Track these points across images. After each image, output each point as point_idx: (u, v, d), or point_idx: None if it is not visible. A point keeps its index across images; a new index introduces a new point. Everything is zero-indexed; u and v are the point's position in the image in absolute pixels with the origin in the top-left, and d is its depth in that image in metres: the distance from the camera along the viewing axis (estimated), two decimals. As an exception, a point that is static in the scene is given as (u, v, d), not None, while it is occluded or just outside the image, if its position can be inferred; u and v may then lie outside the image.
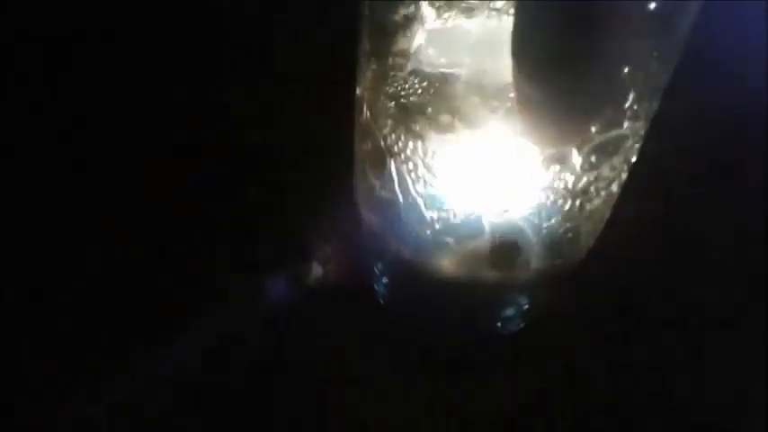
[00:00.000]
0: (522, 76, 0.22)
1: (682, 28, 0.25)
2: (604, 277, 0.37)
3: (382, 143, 0.28)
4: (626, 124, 0.26)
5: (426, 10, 0.26)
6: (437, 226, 0.29)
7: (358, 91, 0.30)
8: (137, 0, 0.50)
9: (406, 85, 0.27)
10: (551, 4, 0.20)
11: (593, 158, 0.26)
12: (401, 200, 0.29)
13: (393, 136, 0.28)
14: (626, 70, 0.24)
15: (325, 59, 0.42)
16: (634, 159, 0.29)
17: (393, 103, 0.27)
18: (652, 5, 0.23)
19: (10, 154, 0.42)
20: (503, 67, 0.23)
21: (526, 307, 0.36)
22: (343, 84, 0.31)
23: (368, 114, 0.29)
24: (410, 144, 0.27)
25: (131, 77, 0.46)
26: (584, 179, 0.27)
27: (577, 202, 0.28)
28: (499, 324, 0.37)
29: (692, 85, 0.32)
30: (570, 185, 0.27)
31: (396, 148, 0.28)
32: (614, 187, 0.29)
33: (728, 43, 0.45)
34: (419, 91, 0.26)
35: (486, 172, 0.27)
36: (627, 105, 0.25)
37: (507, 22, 0.22)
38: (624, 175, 0.29)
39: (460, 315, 0.36)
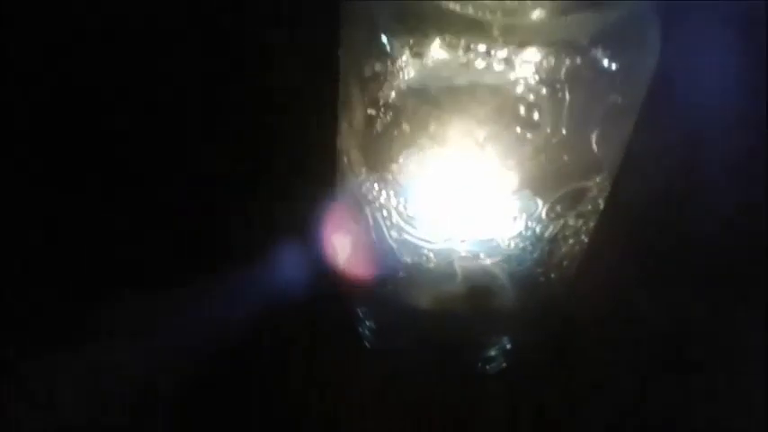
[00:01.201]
0: None
1: (642, 83, 0.26)
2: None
3: (358, 191, 0.29)
4: (590, 176, 0.27)
5: (399, 64, 0.27)
6: (412, 271, 0.30)
7: (337, 139, 0.31)
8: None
9: (380, 137, 0.28)
10: None
11: (558, 208, 0.27)
12: (377, 245, 0.30)
13: (368, 184, 0.29)
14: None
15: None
16: (602, 208, 0.30)
17: (366, 152, 0.28)
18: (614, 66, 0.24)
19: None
20: (475, 118, 0.25)
21: (508, 347, 0.37)
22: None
23: (345, 162, 0.30)
24: (383, 192, 0.28)
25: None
26: (551, 227, 0.28)
27: (546, 249, 0.29)
28: (481, 364, 0.37)
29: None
30: (538, 233, 0.28)
31: (370, 196, 0.29)
32: (582, 235, 0.30)
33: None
34: (392, 142, 0.28)
35: (458, 219, 0.28)
36: (592, 160, 0.26)
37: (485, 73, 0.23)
38: (592, 224, 0.30)
39: (443, 356, 0.37)
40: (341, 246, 0.34)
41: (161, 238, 0.40)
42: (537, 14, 0.24)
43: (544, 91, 0.25)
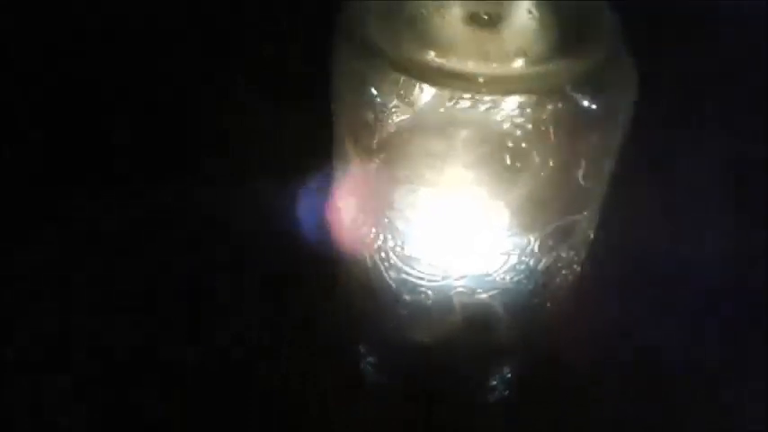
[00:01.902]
0: None
1: (622, 121, 0.27)
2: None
3: (356, 234, 0.30)
4: (579, 210, 0.28)
5: (389, 112, 0.28)
6: (411, 308, 0.31)
7: (334, 185, 0.32)
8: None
9: (375, 182, 0.29)
10: None
11: (549, 242, 0.29)
12: (377, 285, 0.31)
13: (365, 228, 0.30)
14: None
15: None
16: (591, 238, 0.31)
17: (362, 197, 0.29)
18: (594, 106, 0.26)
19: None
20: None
21: (509, 376, 0.38)
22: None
23: (344, 206, 0.31)
24: (381, 235, 0.29)
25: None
26: (544, 260, 0.29)
27: (541, 281, 0.30)
28: (483, 393, 0.38)
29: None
30: (531, 266, 0.29)
31: (368, 240, 0.30)
32: (575, 265, 0.31)
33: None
34: (387, 187, 0.29)
35: (454, 257, 0.30)
36: (578, 196, 0.28)
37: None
38: (584, 254, 0.31)
39: (444, 387, 0.37)
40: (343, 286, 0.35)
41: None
42: (519, 64, 0.25)
43: (530, 133, 0.26)
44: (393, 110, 0.27)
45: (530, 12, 0.27)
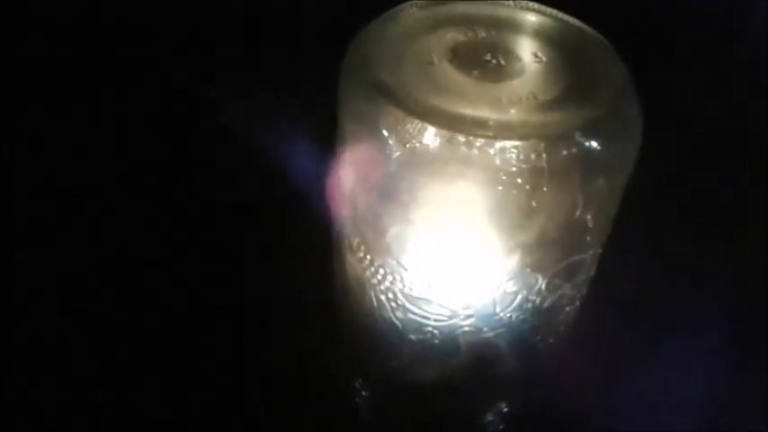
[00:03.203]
0: None
1: (627, 166, 0.28)
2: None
3: (362, 275, 0.30)
4: (585, 250, 0.29)
5: (398, 154, 0.28)
6: (416, 348, 0.31)
7: (336, 228, 0.32)
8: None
9: (382, 223, 0.29)
10: None
11: (556, 281, 0.29)
12: (382, 325, 0.31)
13: (372, 269, 0.30)
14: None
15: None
16: (592, 275, 0.31)
17: (369, 238, 0.29)
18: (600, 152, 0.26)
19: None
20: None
21: (505, 410, 0.38)
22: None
23: (347, 250, 0.31)
24: (388, 276, 0.29)
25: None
26: (549, 299, 0.30)
27: (545, 319, 0.31)
28: (480, 429, 0.38)
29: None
30: (537, 304, 0.30)
31: (375, 280, 0.30)
32: (577, 302, 0.31)
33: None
34: (394, 228, 0.29)
35: (461, 297, 0.30)
36: (585, 235, 0.28)
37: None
38: (585, 291, 0.31)
39: (441, 423, 0.37)
40: (342, 325, 0.34)
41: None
42: (528, 112, 0.26)
43: (540, 177, 0.26)
44: (402, 150, 0.27)
45: (536, 56, 0.28)
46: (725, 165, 0.50)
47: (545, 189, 0.27)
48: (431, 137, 0.26)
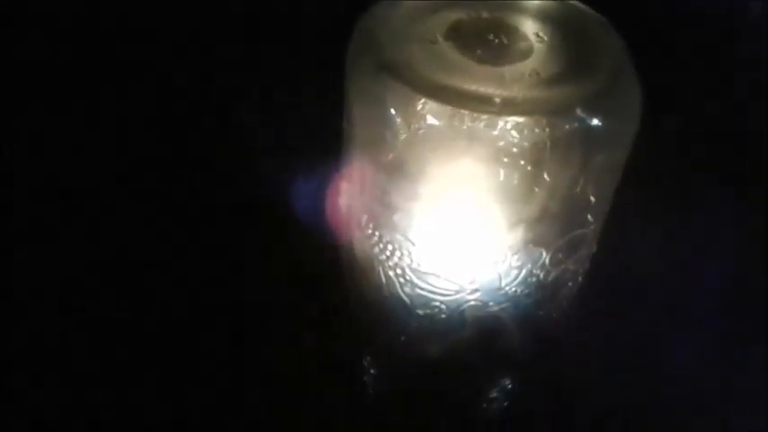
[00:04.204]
0: None
1: (627, 141, 0.29)
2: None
3: (370, 251, 0.31)
4: (586, 224, 0.30)
5: (406, 131, 0.29)
6: (423, 322, 0.32)
7: (348, 201, 0.33)
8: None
9: (389, 199, 0.30)
10: None
11: (559, 255, 0.30)
12: (390, 301, 0.32)
13: (380, 245, 0.31)
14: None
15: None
16: (594, 250, 0.32)
17: (377, 214, 0.30)
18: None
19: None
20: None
21: (509, 387, 0.39)
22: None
23: (356, 223, 0.32)
24: (397, 252, 0.30)
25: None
26: (553, 273, 0.30)
27: (549, 293, 0.31)
28: (485, 405, 0.39)
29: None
30: (541, 278, 0.31)
31: (383, 256, 0.31)
32: (579, 277, 0.32)
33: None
34: (402, 204, 0.30)
35: (468, 272, 0.31)
36: (587, 210, 0.29)
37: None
38: (587, 266, 0.32)
39: (446, 399, 0.38)
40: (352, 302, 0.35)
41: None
42: (531, 88, 0.26)
43: (542, 152, 0.27)
44: (409, 128, 0.28)
45: (538, 35, 0.29)
46: (725, 165, 0.50)
47: (547, 164, 0.28)
48: (436, 114, 0.27)
